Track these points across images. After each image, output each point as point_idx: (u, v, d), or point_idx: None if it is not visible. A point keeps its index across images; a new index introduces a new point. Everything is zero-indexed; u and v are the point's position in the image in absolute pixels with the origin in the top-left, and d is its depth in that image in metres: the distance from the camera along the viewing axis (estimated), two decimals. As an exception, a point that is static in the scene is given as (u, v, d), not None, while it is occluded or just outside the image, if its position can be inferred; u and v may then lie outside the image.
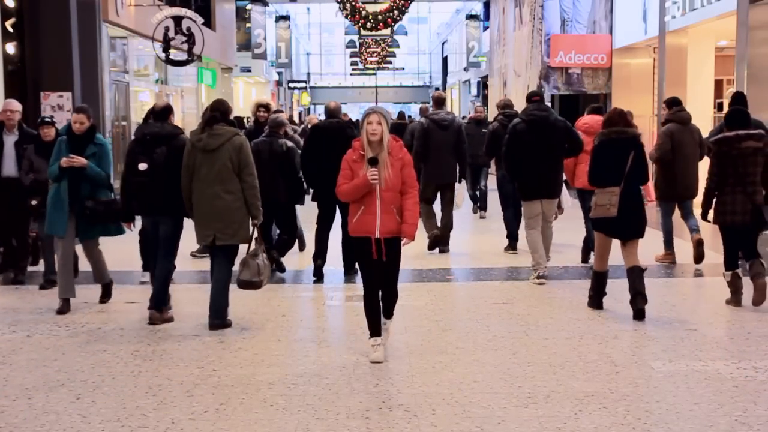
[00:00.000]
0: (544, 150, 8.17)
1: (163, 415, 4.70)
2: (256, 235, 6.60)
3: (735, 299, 7.19)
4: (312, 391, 5.07)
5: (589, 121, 8.98)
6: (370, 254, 5.54)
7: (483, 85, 32.00)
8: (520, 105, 20.19)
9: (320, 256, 8.44)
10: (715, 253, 10.07)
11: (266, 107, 9.80)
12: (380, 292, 5.68)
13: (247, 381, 5.27)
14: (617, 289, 7.93)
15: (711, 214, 7.36)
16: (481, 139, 12.00)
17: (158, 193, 6.61)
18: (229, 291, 6.57)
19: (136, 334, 6.46)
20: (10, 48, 12.83)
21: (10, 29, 12.83)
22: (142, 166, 6.63)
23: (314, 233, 8.53)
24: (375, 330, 5.68)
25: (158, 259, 6.79)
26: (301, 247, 9.95)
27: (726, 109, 14.54)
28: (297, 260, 9.39)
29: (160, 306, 6.73)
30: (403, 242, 5.59)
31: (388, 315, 5.81)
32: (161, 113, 6.84)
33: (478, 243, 10.90)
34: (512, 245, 10.06)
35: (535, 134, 8.19)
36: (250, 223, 6.49)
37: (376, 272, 5.60)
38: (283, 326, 6.70)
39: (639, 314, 6.75)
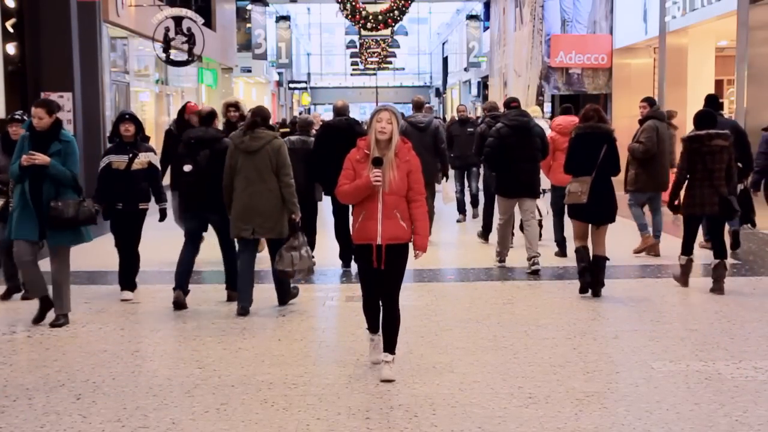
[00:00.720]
0: (524, 152, 8.73)
1: (164, 415, 4.70)
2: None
3: (683, 280, 7.93)
4: (312, 391, 5.07)
5: (562, 122, 9.61)
6: (370, 262, 5.22)
7: (483, 85, 32.01)
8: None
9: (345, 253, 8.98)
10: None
11: (236, 106, 9.16)
12: (380, 308, 5.37)
13: (248, 381, 5.27)
14: (617, 289, 7.94)
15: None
16: (468, 138, 11.95)
17: (203, 192, 7.20)
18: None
19: (136, 335, 6.46)
20: (11, 48, 12.83)
21: (11, 29, 12.84)
22: (187, 168, 7.27)
23: (333, 231, 9.02)
24: (373, 327, 5.48)
25: (222, 251, 7.50)
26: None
27: (728, 108, 14.61)
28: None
29: (236, 287, 7.26)
30: (415, 255, 5.28)
31: (390, 346, 5.30)
32: (206, 118, 7.55)
33: (478, 243, 10.89)
34: (485, 235, 10.89)
35: (517, 137, 8.74)
36: (286, 218, 6.96)
37: (376, 282, 5.28)
38: (284, 326, 6.70)
39: (595, 294, 7.51)
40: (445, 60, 46.38)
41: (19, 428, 4.55)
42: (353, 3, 22.14)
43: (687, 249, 7.89)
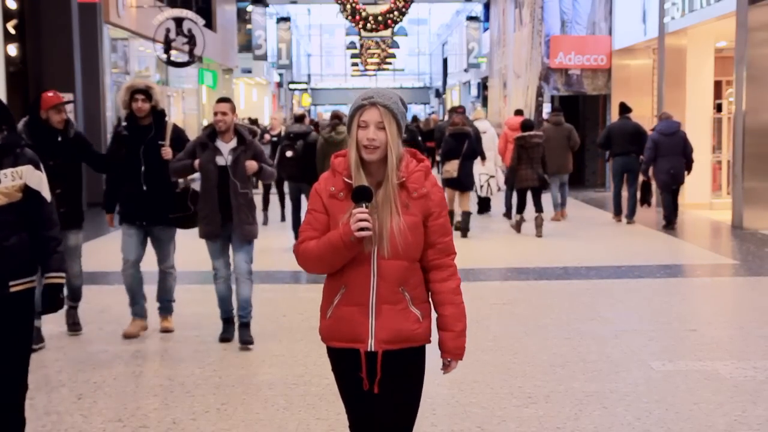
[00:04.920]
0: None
1: (165, 415, 4.71)
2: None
3: (517, 229, 11.61)
4: (313, 391, 5.08)
5: (512, 121, 13.45)
6: (357, 381, 2.99)
7: (483, 86, 32.00)
8: (518, 104, 20.19)
9: None
10: (713, 254, 10.10)
11: (146, 94, 6.24)
12: None
13: (248, 381, 5.28)
14: (617, 289, 7.96)
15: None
16: None
17: (300, 169, 9.82)
18: None
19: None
20: (12, 49, 12.86)
21: (12, 31, 12.86)
22: (289, 153, 9.93)
23: None
24: None
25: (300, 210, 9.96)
26: None
27: (727, 109, 14.69)
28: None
29: None
30: (444, 367, 3.11)
31: None
32: (299, 118, 10.64)
33: (477, 244, 10.91)
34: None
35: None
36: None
37: (371, 415, 3.04)
38: (284, 326, 6.71)
39: (464, 234, 11.16)
40: (444, 61, 46.36)
41: (20, 428, 4.57)
42: (353, 4, 22.16)
43: (518, 210, 11.60)
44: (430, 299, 3.03)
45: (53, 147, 5.95)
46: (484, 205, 13.72)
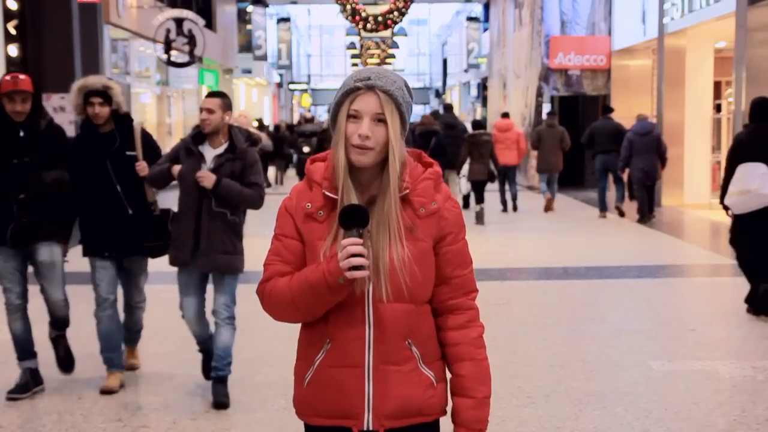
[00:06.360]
0: (452, 141, 13.08)
1: (165, 415, 4.72)
2: None
3: (479, 221, 12.68)
4: (313, 391, 5.09)
5: (500, 123, 14.90)
6: None
7: (483, 86, 32.02)
8: (518, 104, 20.31)
9: None
10: (713, 254, 10.11)
11: (104, 96, 4.99)
12: None
13: (248, 381, 5.29)
14: (617, 289, 7.97)
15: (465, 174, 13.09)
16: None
17: None
18: None
19: (137, 335, 6.47)
20: (13, 50, 12.88)
21: (13, 31, 12.89)
22: (306, 149, 11.96)
23: None
24: None
25: None
26: None
27: (726, 109, 14.76)
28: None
29: None
30: None
31: None
32: (310, 119, 12.46)
33: (477, 244, 10.93)
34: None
35: (449, 131, 13.61)
36: None
37: None
38: (284, 326, 6.69)
39: None
40: (444, 61, 46.39)
41: (21, 428, 4.58)
42: (353, 4, 22.18)
43: (477, 201, 12.83)
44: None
45: (13, 142, 4.89)
46: (464, 202, 14.74)
